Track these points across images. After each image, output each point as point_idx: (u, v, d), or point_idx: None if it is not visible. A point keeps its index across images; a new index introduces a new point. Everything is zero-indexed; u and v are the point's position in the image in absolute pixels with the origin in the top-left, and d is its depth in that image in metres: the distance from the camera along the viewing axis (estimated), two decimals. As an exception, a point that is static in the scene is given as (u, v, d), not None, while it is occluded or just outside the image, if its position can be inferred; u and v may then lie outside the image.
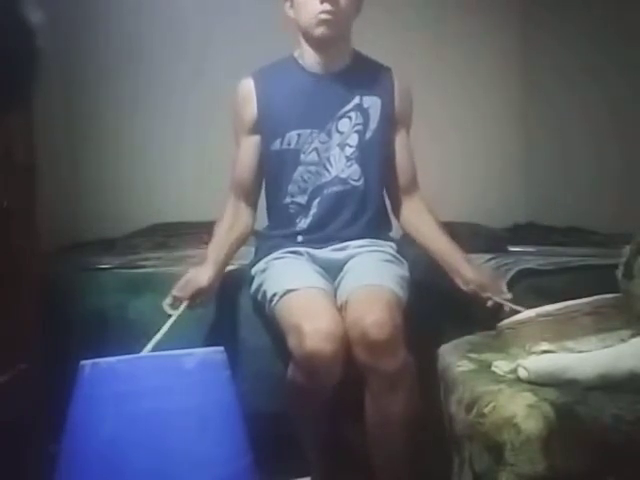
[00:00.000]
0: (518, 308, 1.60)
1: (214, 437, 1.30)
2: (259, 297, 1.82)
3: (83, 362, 1.32)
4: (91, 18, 2.92)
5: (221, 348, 1.42)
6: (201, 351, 1.37)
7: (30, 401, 1.67)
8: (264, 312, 1.81)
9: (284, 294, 1.69)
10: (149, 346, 1.53)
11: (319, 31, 1.75)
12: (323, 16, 1.73)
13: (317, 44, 1.80)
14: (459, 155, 3.12)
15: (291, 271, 1.77)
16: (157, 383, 1.30)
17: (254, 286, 1.85)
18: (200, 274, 1.76)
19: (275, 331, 1.76)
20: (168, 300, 1.73)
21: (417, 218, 1.89)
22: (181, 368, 1.32)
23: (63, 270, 2.12)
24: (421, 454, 1.69)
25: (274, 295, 1.71)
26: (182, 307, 1.71)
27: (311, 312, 1.60)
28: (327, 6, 1.71)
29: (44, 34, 1.15)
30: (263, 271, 1.83)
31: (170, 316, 1.68)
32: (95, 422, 1.27)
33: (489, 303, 1.73)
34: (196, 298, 1.74)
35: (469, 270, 1.76)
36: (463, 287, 1.76)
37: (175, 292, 1.73)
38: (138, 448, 1.25)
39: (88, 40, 2.92)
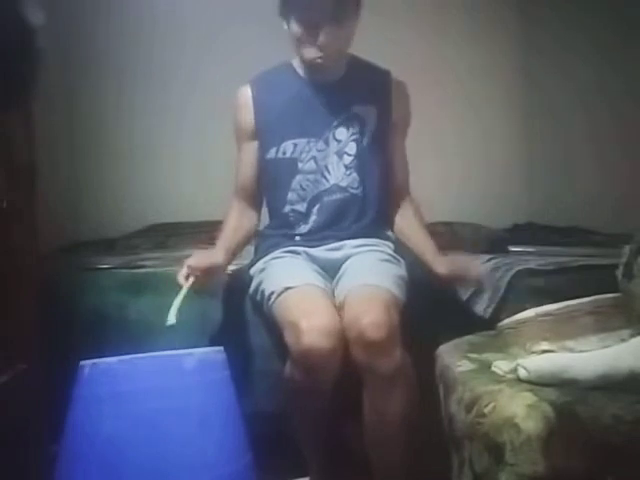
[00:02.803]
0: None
1: (214, 437, 1.30)
2: (258, 297, 1.83)
3: (83, 362, 1.32)
4: (91, 18, 2.92)
5: (221, 348, 1.42)
6: (201, 351, 1.37)
7: (30, 401, 1.67)
8: (263, 311, 1.81)
9: (282, 292, 1.69)
10: (171, 316, 1.58)
11: (315, 66, 1.80)
12: (319, 60, 1.77)
13: (313, 68, 1.83)
14: (459, 155, 3.12)
15: (289, 269, 1.78)
16: (157, 383, 1.30)
17: (253, 286, 1.86)
18: (213, 253, 1.76)
19: (274, 330, 1.76)
20: (183, 271, 1.70)
21: (402, 220, 1.92)
22: (181, 368, 1.32)
23: (63, 270, 2.12)
24: (421, 454, 1.69)
25: (272, 293, 1.72)
26: (192, 279, 1.70)
27: (308, 309, 1.61)
28: (322, 53, 1.75)
29: (44, 34, 1.15)
30: (261, 271, 1.84)
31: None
32: (95, 422, 1.27)
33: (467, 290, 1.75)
34: (209, 274, 1.73)
35: (440, 265, 1.77)
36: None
37: (190, 262, 1.71)
38: (138, 448, 1.25)
39: (88, 40, 2.92)
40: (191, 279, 1.69)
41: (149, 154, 3.02)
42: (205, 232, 2.52)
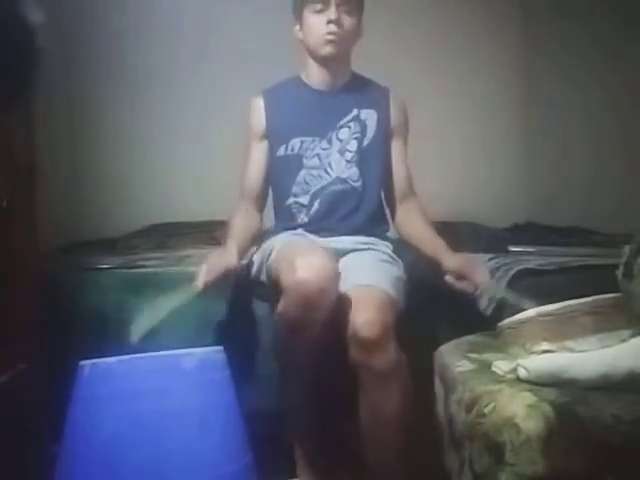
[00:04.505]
0: (502, 292, 1.77)
1: (214, 437, 1.30)
2: (261, 276, 1.89)
3: (83, 362, 1.32)
4: (91, 18, 2.92)
5: (220, 348, 1.42)
6: (200, 351, 1.37)
7: (30, 401, 1.67)
8: (263, 306, 1.84)
9: (282, 246, 1.79)
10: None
11: (325, 50, 1.90)
12: (329, 37, 1.88)
13: (323, 62, 1.94)
14: (459, 155, 3.12)
15: (294, 239, 1.87)
16: (156, 383, 1.30)
17: (255, 269, 1.92)
18: (226, 254, 1.75)
19: (275, 327, 1.76)
20: (203, 275, 1.68)
21: (407, 220, 1.97)
22: (180, 368, 1.32)
23: (63, 270, 2.12)
24: (421, 454, 1.70)
25: (272, 249, 1.81)
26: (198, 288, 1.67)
27: (305, 250, 1.68)
28: (333, 27, 1.86)
29: (44, 34, 1.15)
30: (263, 251, 1.91)
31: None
32: (94, 422, 1.27)
33: (469, 289, 1.75)
34: (225, 278, 1.73)
35: (448, 259, 1.78)
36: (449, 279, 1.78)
37: (206, 277, 1.68)
38: (137, 448, 1.25)
39: (88, 40, 2.92)
40: (204, 282, 1.68)
41: (149, 154, 3.01)
42: (205, 232, 2.52)
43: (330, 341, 1.66)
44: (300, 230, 1.93)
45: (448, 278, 1.76)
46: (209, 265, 1.71)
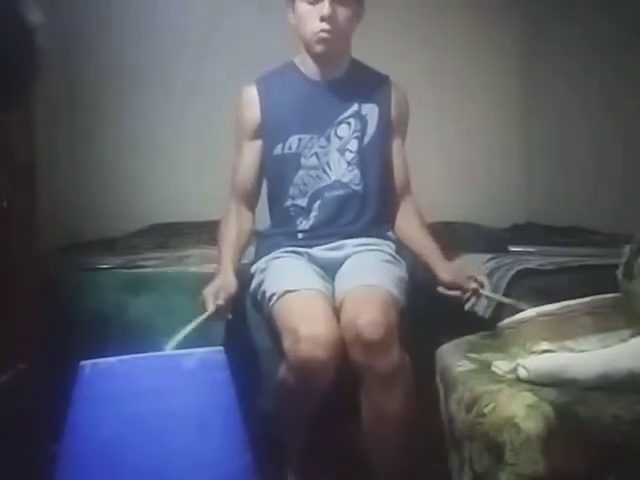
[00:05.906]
0: (500, 298, 1.78)
1: (213, 437, 1.30)
2: (258, 296, 1.83)
3: (83, 362, 1.32)
4: (91, 18, 2.92)
5: (221, 348, 1.42)
6: (201, 351, 1.37)
7: (30, 401, 1.67)
8: (263, 311, 1.81)
9: (282, 295, 1.70)
10: (173, 343, 1.50)
11: (319, 48, 1.81)
12: (322, 35, 1.78)
13: (316, 58, 1.85)
14: (459, 155, 3.12)
15: (290, 271, 1.78)
16: (156, 383, 1.29)
17: (253, 284, 1.86)
18: (228, 281, 1.73)
19: (273, 330, 1.76)
20: (211, 312, 1.66)
21: (404, 221, 1.93)
22: (180, 368, 1.32)
23: (63, 270, 2.12)
24: (421, 454, 1.70)
25: (273, 295, 1.72)
26: (210, 311, 1.67)
27: (308, 316, 1.61)
28: (325, 25, 1.76)
29: (44, 34, 1.16)
30: (262, 270, 1.84)
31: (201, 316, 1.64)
32: (95, 422, 1.27)
33: (467, 304, 1.76)
34: (230, 300, 1.72)
35: (443, 271, 1.78)
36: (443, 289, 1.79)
37: (216, 302, 1.66)
38: (138, 448, 1.24)
39: (88, 40, 2.92)
40: (213, 307, 1.66)
41: (150, 154, 3.01)
42: (206, 232, 2.53)
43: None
44: (300, 236, 1.87)
45: (441, 289, 1.77)
46: (214, 293, 1.68)
